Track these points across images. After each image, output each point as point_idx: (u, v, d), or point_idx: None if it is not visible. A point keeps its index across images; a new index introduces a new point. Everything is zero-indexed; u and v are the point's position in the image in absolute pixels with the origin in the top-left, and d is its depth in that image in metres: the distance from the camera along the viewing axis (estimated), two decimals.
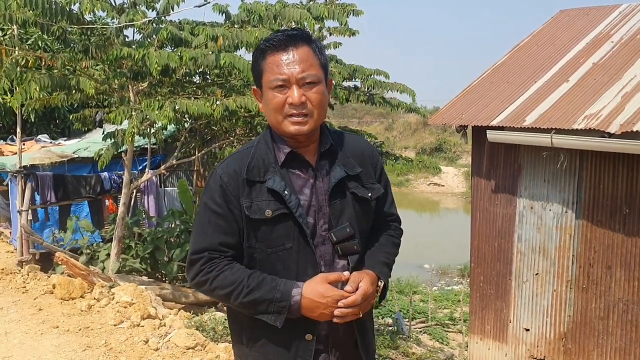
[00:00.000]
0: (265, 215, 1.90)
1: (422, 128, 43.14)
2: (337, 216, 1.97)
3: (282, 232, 1.92)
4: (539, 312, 6.04)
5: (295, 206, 1.90)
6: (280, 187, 1.90)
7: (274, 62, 1.90)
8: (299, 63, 1.88)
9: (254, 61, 1.99)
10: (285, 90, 1.89)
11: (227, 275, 1.89)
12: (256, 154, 1.98)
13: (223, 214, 1.93)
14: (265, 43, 1.93)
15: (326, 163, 2.01)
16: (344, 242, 1.96)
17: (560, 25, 7.36)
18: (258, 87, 2.00)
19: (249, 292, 1.86)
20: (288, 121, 1.91)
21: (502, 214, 6.36)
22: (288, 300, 1.84)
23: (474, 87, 6.89)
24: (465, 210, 31.88)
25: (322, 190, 1.98)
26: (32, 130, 15.33)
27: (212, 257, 1.93)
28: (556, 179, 5.85)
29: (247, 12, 7.68)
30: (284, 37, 1.91)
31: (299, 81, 1.88)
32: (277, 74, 1.88)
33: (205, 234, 1.95)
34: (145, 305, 5.96)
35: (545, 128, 5.46)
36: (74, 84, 7.15)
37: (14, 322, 5.84)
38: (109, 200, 11.03)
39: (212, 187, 1.96)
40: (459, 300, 15.39)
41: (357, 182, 2.04)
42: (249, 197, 1.92)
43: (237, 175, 1.93)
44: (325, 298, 1.82)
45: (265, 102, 1.96)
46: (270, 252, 1.93)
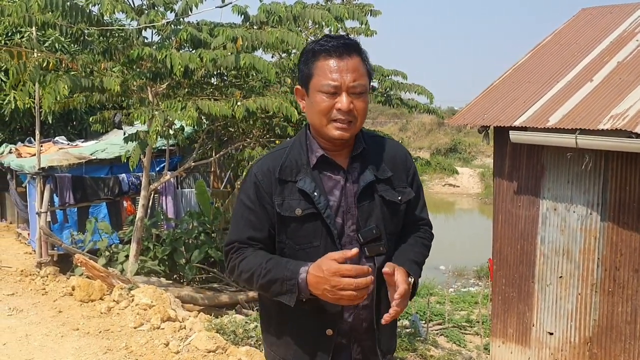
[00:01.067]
0: (295, 213, 1.98)
1: (436, 128, 42.92)
2: (365, 218, 2.02)
3: (310, 231, 1.99)
4: (563, 315, 5.94)
5: (323, 207, 1.97)
6: (310, 188, 1.98)
7: (327, 67, 1.95)
8: (352, 72, 1.94)
9: (302, 61, 2.03)
10: (335, 96, 1.95)
11: (250, 259, 1.99)
12: (290, 154, 2.06)
13: (255, 209, 2.02)
14: (319, 46, 1.98)
15: (358, 166, 2.06)
16: (371, 243, 2.01)
17: (582, 24, 7.25)
18: (303, 86, 2.05)
19: (266, 273, 1.94)
20: (332, 126, 1.98)
21: (524, 216, 6.27)
22: (296, 277, 1.89)
23: (495, 87, 6.80)
24: (481, 211, 31.71)
25: (352, 193, 2.03)
26: (49, 132, 15.38)
27: (240, 247, 2.04)
28: (580, 180, 5.75)
29: (266, 13, 7.64)
30: (341, 44, 1.96)
31: (349, 89, 1.95)
32: (330, 79, 1.94)
33: (237, 227, 2.07)
34: (165, 307, 5.94)
35: (570, 128, 5.37)
36: (98, 84, 7.17)
37: (34, 324, 5.83)
38: (127, 202, 11.03)
39: (247, 184, 2.06)
40: (475, 302, 15.28)
41: (388, 186, 2.09)
42: (281, 195, 2.00)
43: (270, 173, 2.02)
44: (324, 271, 1.84)
45: (310, 103, 2.02)
46: (298, 249, 2.00)
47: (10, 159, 12.52)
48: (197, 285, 8.60)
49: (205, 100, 7.16)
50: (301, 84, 2.06)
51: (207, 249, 8.43)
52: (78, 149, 12.32)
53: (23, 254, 11.34)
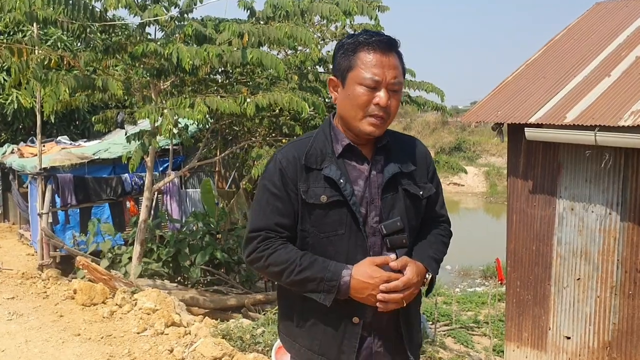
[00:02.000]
0: (320, 200, 1.99)
1: (440, 127, 42.74)
2: (388, 209, 2.04)
3: (336, 218, 2.00)
4: (581, 319, 5.74)
5: (349, 194, 1.98)
6: (336, 175, 1.99)
7: (371, 61, 1.96)
8: (393, 69, 1.97)
9: (342, 52, 2.03)
10: (374, 91, 1.96)
11: (282, 254, 1.98)
12: (314, 143, 2.07)
13: (281, 196, 2.02)
14: (363, 39, 1.99)
15: (381, 158, 2.08)
16: (394, 235, 2.03)
17: (596, 18, 7.05)
18: (339, 77, 2.04)
19: (301, 270, 1.94)
20: (367, 120, 1.99)
21: (540, 216, 6.07)
22: (338, 279, 1.92)
23: (509, 83, 6.60)
24: (486, 210, 31.54)
25: (376, 184, 2.05)
26: (52, 132, 15.27)
27: (268, 236, 2.01)
28: (599, 179, 5.55)
29: (273, 7, 7.46)
30: (385, 40, 1.99)
31: (389, 86, 1.97)
32: (373, 73, 1.95)
33: (264, 214, 2.04)
34: (169, 311, 5.75)
35: (589, 125, 5.18)
36: (99, 85, 7.00)
37: (34, 330, 5.64)
38: (130, 202, 10.86)
39: (271, 170, 2.05)
40: (483, 303, 15.14)
41: (410, 180, 2.11)
42: (306, 183, 2.01)
43: (295, 160, 2.02)
44: (373, 279, 1.90)
45: (346, 95, 2.01)
46: (323, 237, 2.01)
47: (12, 159, 12.39)
48: (202, 288, 8.41)
49: (213, 96, 6.98)
50: (338, 74, 2.05)
51: (212, 251, 8.24)
52: (80, 148, 12.17)
53: (25, 255, 11.20)
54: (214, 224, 9.05)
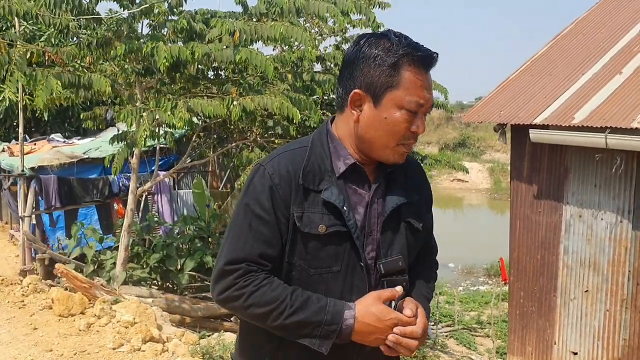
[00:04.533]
0: (317, 230, 1.64)
1: (445, 123, 42.48)
2: (387, 245, 1.73)
3: (332, 253, 1.67)
4: (588, 333, 5.38)
5: (353, 225, 1.66)
6: (339, 201, 1.65)
7: (416, 81, 1.63)
8: (431, 90, 1.69)
9: (377, 64, 1.65)
10: (413, 116, 1.65)
11: (267, 292, 1.62)
12: (311, 157, 1.70)
13: (269, 220, 1.65)
14: (406, 51, 1.63)
15: (383, 183, 1.76)
16: (392, 275, 1.69)
17: (607, 11, 6.68)
18: (370, 94, 1.66)
19: (293, 312, 1.60)
20: (399, 149, 1.69)
21: (545, 223, 5.71)
22: (339, 323, 1.59)
23: (512, 80, 6.24)
24: (490, 207, 31.24)
25: (376, 213, 1.73)
26: (45, 129, 14.98)
27: (249, 270, 1.64)
28: (609, 184, 5.19)
29: (267, 4, 7.10)
30: (429, 55, 1.67)
31: (427, 110, 1.69)
32: (418, 97, 1.64)
33: (245, 241, 1.66)
34: (149, 325, 5.42)
35: (599, 127, 4.82)
36: (85, 82, 6.65)
37: (3, 345, 5.30)
38: (118, 204, 10.54)
39: (258, 187, 1.67)
40: (486, 303, 14.86)
41: (413, 211, 1.80)
42: (301, 206, 1.65)
43: (290, 177, 1.66)
44: (383, 322, 1.60)
45: (380, 119, 1.66)
46: (314, 273, 1.68)
47: (2, 158, 12.09)
48: (190, 295, 8.06)
49: (198, 98, 6.63)
50: (368, 90, 1.66)
51: (202, 256, 7.86)
52: (70, 147, 11.85)
53: (14, 257, 10.90)
54: (204, 228, 8.68)
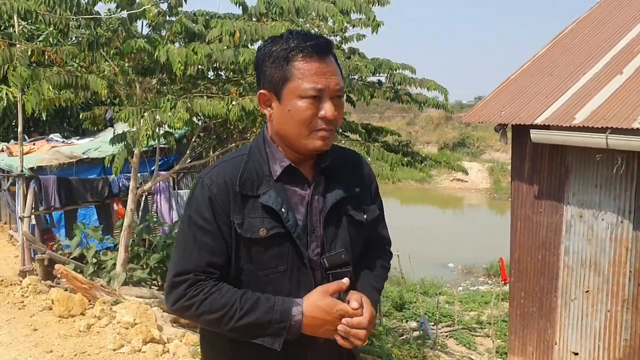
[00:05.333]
0: (259, 234, 1.71)
1: (444, 123, 42.43)
2: (331, 240, 1.79)
3: (276, 254, 1.74)
4: (589, 334, 5.37)
5: (292, 225, 1.72)
6: (277, 203, 1.72)
7: (308, 69, 1.70)
8: (334, 74, 1.74)
9: (272, 63, 1.74)
10: (317, 102, 1.70)
11: (216, 298, 1.69)
12: (249, 164, 1.78)
13: (211, 230, 1.72)
14: (296, 45, 1.72)
15: (322, 180, 1.82)
16: (337, 269, 1.76)
17: (608, 10, 6.67)
18: (272, 91, 1.75)
19: (243, 315, 1.67)
20: (315, 136, 1.73)
21: (546, 223, 5.70)
22: (288, 320, 1.67)
23: (513, 80, 6.23)
24: (490, 207, 31.21)
25: (317, 210, 1.79)
26: (44, 129, 14.95)
27: (198, 279, 1.71)
28: (610, 185, 5.17)
29: (266, 4, 7.08)
30: (322, 43, 1.74)
31: (333, 94, 1.72)
32: (315, 82, 1.69)
33: (191, 253, 1.73)
34: (149, 326, 5.40)
35: (600, 127, 4.81)
36: (82, 83, 6.63)
37: (3, 346, 5.27)
38: (117, 205, 10.50)
39: (198, 199, 1.74)
40: (486, 302, 14.86)
41: (355, 204, 1.86)
42: (241, 213, 1.72)
43: (227, 186, 1.73)
44: (330, 314, 1.66)
45: (285, 112, 1.73)
46: (261, 275, 1.74)
47: (1, 158, 12.05)
48: None
49: (197, 98, 6.61)
50: (270, 88, 1.75)
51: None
52: (70, 147, 11.80)
53: (13, 257, 10.85)
54: None
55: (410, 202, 32.92)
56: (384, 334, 10.84)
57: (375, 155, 7.70)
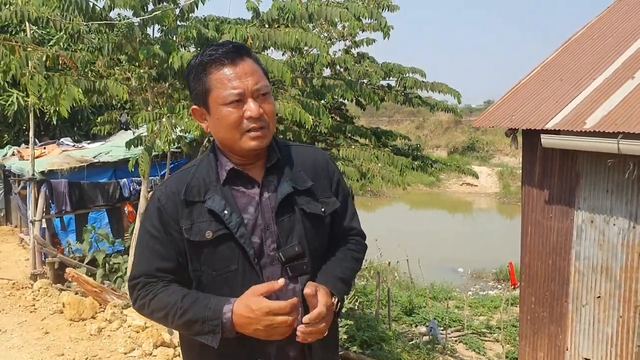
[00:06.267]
0: (205, 237, 1.80)
1: (453, 127, 42.32)
2: (286, 234, 1.86)
3: (226, 254, 1.82)
4: (601, 340, 5.34)
5: (235, 226, 1.80)
6: (219, 207, 1.81)
7: (223, 77, 1.79)
8: (251, 75, 1.79)
9: (193, 78, 1.85)
10: (240, 105, 1.78)
11: (162, 297, 1.82)
12: (197, 173, 1.88)
13: (160, 237, 1.84)
14: (208, 57, 1.81)
15: (274, 178, 1.90)
16: (293, 261, 1.85)
17: (619, 15, 6.64)
18: (201, 105, 1.85)
19: (183, 313, 1.77)
20: (247, 137, 1.80)
21: (557, 228, 5.67)
22: (219, 317, 1.74)
23: (523, 85, 6.21)
24: (499, 211, 31.09)
25: (269, 208, 1.87)
26: (55, 133, 15.02)
27: (148, 282, 1.85)
28: (621, 190, 5.14)
29: (279, 10, 7.09)
30: (231, 50, 1.81)
31: (254, 93, 1.79)
32: (231, 88, 1.77)
33: (143, 258, 1.88)
34: (160, 330, 5.42)
35: (611, 132, 4.78)
36: (101, 88, 6.69)
37: (16, 349, 5.32)
38: (129, 208, 10.54)
39: (150, 209, 1.89)
40: (495, 307, 14.81)
41: (309, 197, 1.93)
42: (189, 219, 1.82)
43: (174, 196, 1.85)
44: (254, 312, 1.71)
45: (215, 121, 1.83)
46: (216, 275, 1.83)
47: (12, 162, 12.12)
48: None
49: None
50: (198, 102, 1.86)
51: None
52: (80, 151, 11.86)
53: (24, 260, 10.90)
54: None
55: (419, 206, 32.87)
56: (394, 339, 10.82)
57: (385, 159, 7.70)
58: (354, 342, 9.65)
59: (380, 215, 29.40)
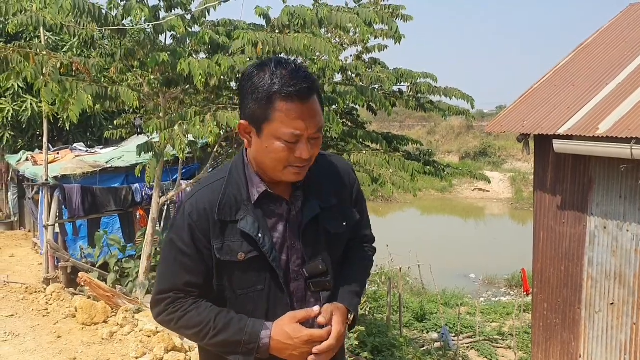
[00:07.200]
0: (237, 258, 1.81)
1: (465, 132, 42.14)
2: (311, 251, 1.90)
3: (254, 274, 1.84)
4: (615, 347, 5.29)
5: (269, 250, 1.82)
6: (253, 230, 1.81)
7: (289, 114, 1.71)
8: (314, 118, 1.75)
9: (254, 98, 1.74)
10: (294, 145, 1.75)
11: (193, 316, 1.84)
12: (228, 189, 1.86)
13: (190, 253, 1.83)
14: (277, 87, 1.70)
15: (301, 195, 1.91)
16: (317, 278, 1.90)
17: (631, 20, 6.60)
18: (253, 125, 1.78)
19: (217, 333, 1.80)
20: (289, 171, 1.79)
21: (569, 234, 5.63)
22: (257, 342, 1.78)
23: (535, 91, 6.19)
24: (512, 217, 30.89)
25: (296, 225, 1.89)
26: (68, 139, 15.12)
27: (177, 297, 1.85)
28: (635, 195, 5.10)
29: (289, 15, 7.11)
30: (304, 87, 1.72)
31: (310, 136, 1.76)
32: (293, 128, 1.72)
33: (171, 273, 1.87)
34: (171, 334, 5.43)
35: (624, 137, 4.75)
36: (113, 94, 6.73)
37: (28, 353, 5.36)
38: (140, 213, 10.58)
39: (179, 224, 1.85)
40: (507, 313, 14.70)
41: (332, 214, 1.95)
42: (221, 238, 1.82)
43: (207, 214, 1.82)
44: (293, 340, 1.77)
45: (264, 148, 1.78)
46: (240, 294, 1.86)
47: (26, 167, 12.21)
48: None
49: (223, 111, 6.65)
50: (249, 121, 1.78)
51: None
52: (93, 156, 11.93)
53: (37, 265, 10.98)
54: None
55: (431, 211, 32.75)
56: (405, 345, 10.78)
57: (396, 165, 7.69)
58: (365, 348, 9.62)
59: (392, 220, 29.32)
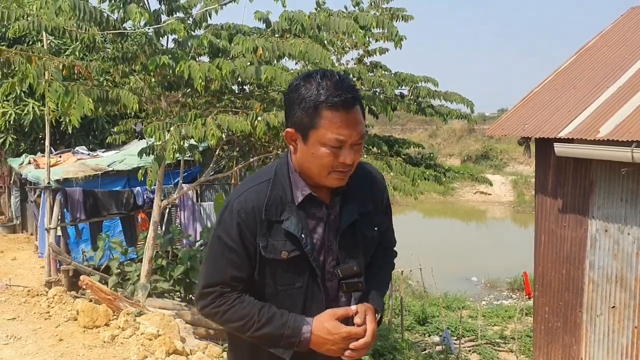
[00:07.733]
0: (280, 256, 1.93)
1: (467, 135, 42.15)
2: (345, 253, 2.02)
3: (294, 272, 1.96)
4: (616, 350, 5.29)
5: (310, 250, 1.94)
6: (297, 230, 1.93)
7: (334, 122, 1.85)
8: (357, 125, 1.88)
9: (302, 107, 1.88)
10: (338, 150, 1.87)
11: (238, 310, 1.95)
12: (274, 190, 1.97)
13: (237, 249, 1.94)
14: (323, 98, 1.84)
15: (339, 200, 2.03)
16: (350, 279, 2.01)
17: (632, 23, 6.61)
18: (299, 132, 1.91)
19: (260, 326, 1.92)
20: (333, 177, 1.92)
21: (571, 237, 5.64)
22: (298, 336, 1.91)
23: (536, 94, 6.19)
24: (514, 220, 30.88)
25: (334, 228, 2.01)
26: (70, 142, 15.14)
27: (223, 292, 1.97)
28: (636, 198, 5.11)
29: (288, 21, 7.13)
30: (349, 98, 1.85)
31: (353, 143, 1.88)
32: (338, 134, 1.85)
33: (219, 267, 1.98)
34: (172, 337, 5.43)
35: (625, 141, 4.75)
36: (113, 97, 6.75)
37: (30, 356, 5.36)
38: (142, 216, 10.60)
39: (227, 222, 1.96)
40: (509, 317, 14.69)
41: (367, 220, 2.08)
42: (266, 237, 1.93)
43: (254, 213, 1.93)
44: (333, 335, 1.91)
45: (310, 154, 1.91)
46: (280, 290, 1.98)
47: (28, 170, 12.23)
48: None
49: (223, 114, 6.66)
50: (298, 129, 1.91)
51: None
52: (95, 160, 11.94)
53: (39, 268, 10.99)
54: None
55: (433, 215, 32.74)
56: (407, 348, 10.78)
57: (397, 169, 7.70)
58: None
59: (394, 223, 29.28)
